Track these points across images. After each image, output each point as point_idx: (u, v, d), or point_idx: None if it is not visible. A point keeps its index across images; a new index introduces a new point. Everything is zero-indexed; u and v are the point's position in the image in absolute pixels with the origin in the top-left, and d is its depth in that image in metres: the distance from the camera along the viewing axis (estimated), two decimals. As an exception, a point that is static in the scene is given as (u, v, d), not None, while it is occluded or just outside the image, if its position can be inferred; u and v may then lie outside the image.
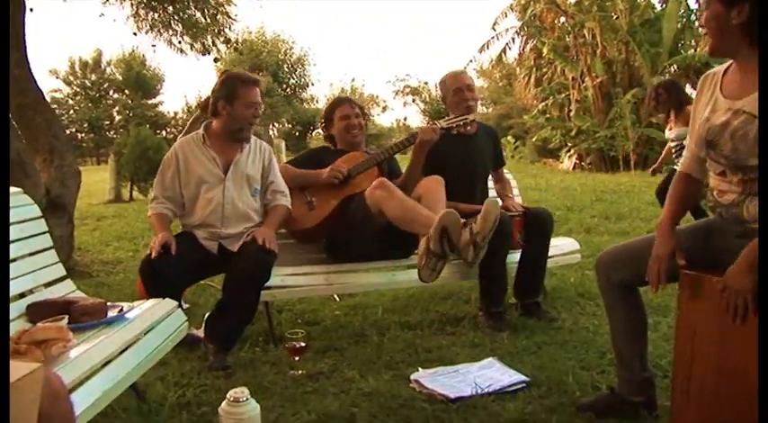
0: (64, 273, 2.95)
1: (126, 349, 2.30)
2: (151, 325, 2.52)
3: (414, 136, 3.74)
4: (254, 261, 3.21)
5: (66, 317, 2.23)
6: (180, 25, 8.20)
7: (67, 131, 47.88)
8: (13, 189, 2.93)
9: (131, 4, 7.92)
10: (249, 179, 3.56)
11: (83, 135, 49.17)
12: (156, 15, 8.02)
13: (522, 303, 3.89)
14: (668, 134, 6.56)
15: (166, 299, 2.79)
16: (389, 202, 3.43)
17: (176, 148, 3.60)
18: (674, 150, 6.51)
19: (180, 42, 8.80)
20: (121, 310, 2.55)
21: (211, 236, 3.47)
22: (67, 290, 2.89)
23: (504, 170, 4.45)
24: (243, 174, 3.54)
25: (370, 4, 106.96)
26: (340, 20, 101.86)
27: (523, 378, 2.87)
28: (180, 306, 2.92)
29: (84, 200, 11.70)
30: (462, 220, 3.30)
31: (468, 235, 3.29)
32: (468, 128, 3.79)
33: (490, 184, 4.29)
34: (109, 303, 2.58)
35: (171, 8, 7.84)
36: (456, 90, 3.98)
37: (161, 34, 8.33)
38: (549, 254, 3.96)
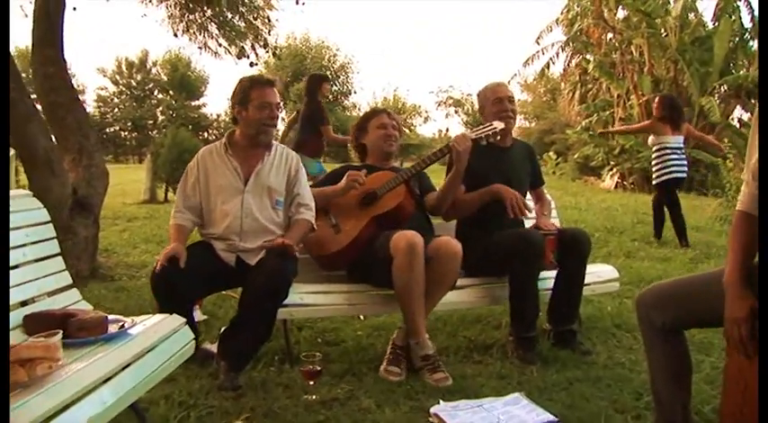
0: (70, 281, 2.82)
1: (124, 369, 2.14)
2: (154, 343, 2.35)
3: (443, 150, 3.55)
4: (272, 276, 3.03)
5: (60, 332, 2.07)
6: (216, 28, 8.11)
7: (111, 129, 49.28)
8: (20, 191, 2.83)
9: (166, 6, 7.85)
10: (271, 191, 3.38)
11: (126, 133, 50.06)
12: (192, 17, 7.92)
13: (556, 331, 3.66)
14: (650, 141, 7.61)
15: (173, 315, 2.62)
16: (402, 270, 3.19)
17: (199, 157, 3.48)
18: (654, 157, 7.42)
19: (220, 45, 8.72)
20: (123, 326, 2.39)
21: (229, 247, 3.31)
22: (72, 300, 2.75)
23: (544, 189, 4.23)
24: (264, 185, 3.37)
25: (415, 11, 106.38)
26: (385, 27, 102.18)
27: (551, 418, 2.67)
28: (190, 321, 2.76)
29: (119, 199, 11.71)
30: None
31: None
32: (498, 138, 3.55)
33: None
34: (111, 317, 2.42)
35: (209, 11, 7.76)
36: (496, 100, 3.78)
37: (196, 37, 8.26)
38: (586, 281, 3.72)
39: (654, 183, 7.55)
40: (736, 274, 1.99)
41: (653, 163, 7.47)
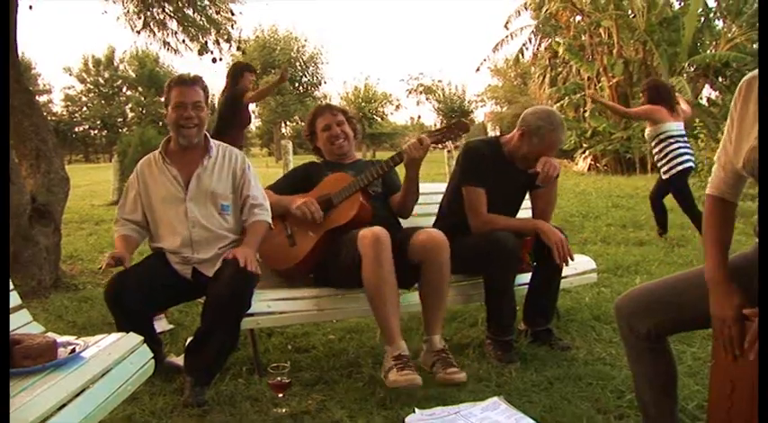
0: (18, 302, 2.65)
1: (76, 397, 2.00)
2: (109, 366, 2.21)
3: (400, 155, 3.38)
4: (232, 288, 2.87)
5: (2, 363, 1.92)
6: (175, 24, 7.88)
7: (80, 129, 48.64)
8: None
9: (122, 2, 7.61)
10: (215, 196, 3.20)
11: (95, 132, 49.47)
12: (149, 13, 7.67)
13: (533, 331, 3.56)
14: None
15: (130, 333, 2.48)
16: (371, 266, 3.04)
17: (138, 170, 3.32)
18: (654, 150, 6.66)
19: (182, 41, 8.48)
20: (74, 349, 2.24)
21: (184, 261, 3.16)
22: (20, 322, 2.58)
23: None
24: (206, 191, 3.20)
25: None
26: (353, 17, 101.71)
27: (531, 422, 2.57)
28: (149, 338, 2.61)
29: (87, 201, 11.49)
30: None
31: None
32: (461, 140, 3.38)
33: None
34: (61, 340, 2.28)
35: (168, 7, 7.51)
36: (541, 152, 3.47)
37: (155, 34, 8.01)
38: (563, 273, 3.61)
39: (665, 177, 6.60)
40: (719, 270, 1.88)
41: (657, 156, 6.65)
